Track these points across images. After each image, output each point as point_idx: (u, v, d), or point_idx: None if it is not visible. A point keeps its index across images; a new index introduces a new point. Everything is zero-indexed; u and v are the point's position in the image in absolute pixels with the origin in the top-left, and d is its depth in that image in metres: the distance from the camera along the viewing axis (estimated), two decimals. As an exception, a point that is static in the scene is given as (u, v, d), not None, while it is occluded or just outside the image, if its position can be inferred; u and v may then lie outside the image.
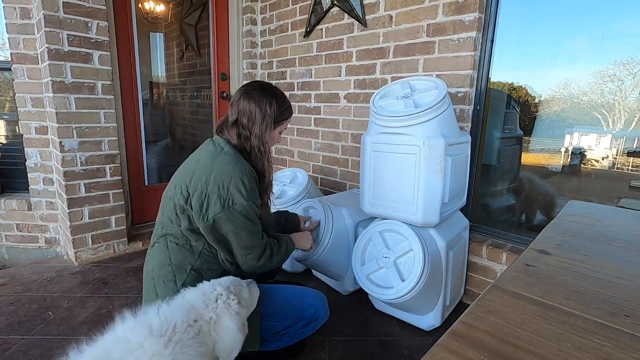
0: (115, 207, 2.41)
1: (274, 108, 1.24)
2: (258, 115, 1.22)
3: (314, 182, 2.56)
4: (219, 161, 1.14)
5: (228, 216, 1.11)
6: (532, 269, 0.65)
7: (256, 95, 1.24)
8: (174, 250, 1.19)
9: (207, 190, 1.10)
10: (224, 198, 1.10)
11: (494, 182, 2.13)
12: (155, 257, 1.22)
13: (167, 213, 1.20)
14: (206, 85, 3.13)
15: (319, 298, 1.37)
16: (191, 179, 1.13)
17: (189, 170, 1.17)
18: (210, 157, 1.16)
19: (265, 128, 1.23)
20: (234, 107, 1.26)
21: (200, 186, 1.11)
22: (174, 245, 1.19)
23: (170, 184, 1.25)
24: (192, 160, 1.24)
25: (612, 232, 0.85)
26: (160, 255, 1.20)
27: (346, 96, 2.47)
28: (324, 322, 1.37)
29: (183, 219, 1.16)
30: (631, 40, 1.59)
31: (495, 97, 1.98)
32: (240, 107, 1.24)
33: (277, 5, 2.84)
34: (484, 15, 1.81)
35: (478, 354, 0.42)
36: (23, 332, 1.65)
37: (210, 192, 1.10)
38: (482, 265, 1.92)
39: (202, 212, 1.11)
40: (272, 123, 1.25)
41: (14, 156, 2.53)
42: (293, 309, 1.29)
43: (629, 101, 1.68)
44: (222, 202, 1.10)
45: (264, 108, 1.23)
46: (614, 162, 1.80)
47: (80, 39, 2.12)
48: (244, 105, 1.23)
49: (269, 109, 1.23)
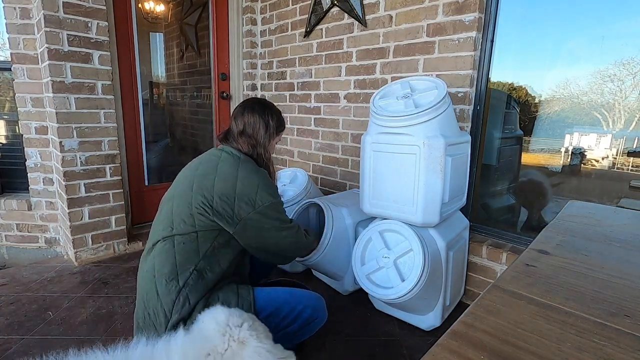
0: (115, 207, 2.41)
1: (274, 121, 1.40)
2: (262, 126, 1.37)
3: (314, 182, 2.56)
4: (242, 169, 1.25)
5: (261, 213, 1.23)
6: (532, 269, 0.65)
7: (259, 109, 1.38)
8: (180, 250, 1.20)
9: (236, 195, 1.20)
10: (253, 200, 1.22)
11: (494, 182, 2.13)
12: (157, 256, 1.22)
13: (180, 215, 1.23)
14: (206, 85, 3.14)
15: (316, 299, 1.36)
16: (213, 186, 1.21)
17: (208, 177, 1.24)
18: (231, 165, 1.26)
19: (268, 138, 1.39)
20: (239, 120, 1.38)
21: (228, 193, 1.20)
22: (181, 246, 1.21)
23: (182, 188, 1.27)
24: (208, 167, 1.28)
25: (612, 232, 0.85)
26: (163, 254, 1.20)
27: (346, 96, 2.47)
28: (322, 324, 1.37)
29: (199, 220, 1.21)
30: (631, 40, 1.59)
31: (495, 97, 1.98)
32: (245, 120, 1.37)
33: (277, 5, 2.85)
34: (484, 15, 1.81)
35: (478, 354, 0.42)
36: (23, 332, 1.65)
37: (239, 196, 1.20)
38: (482, 265, 1.92)
39: (234, 215, 1.21)
40: (273, 134, 1.41)
41: (14, 156, 2.53)
42: (290, 310, 1.28)
43: (629, 101, 1.68)
44: (252, 204, 1.22)
45: (266, 120, 1.38)
46: (614, 162, 1.80)
47: (80, 39, 2.12)
48: (249, 118, 1.37)
49: (271, 121, 1.39)
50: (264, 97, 3.12)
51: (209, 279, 1.20)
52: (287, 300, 1.31)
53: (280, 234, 1.31)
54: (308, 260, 1.78)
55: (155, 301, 1.16)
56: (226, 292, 1.22)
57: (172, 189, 1.34)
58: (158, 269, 1.20)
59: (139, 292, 1.25)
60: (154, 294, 1.18)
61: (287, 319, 1.28)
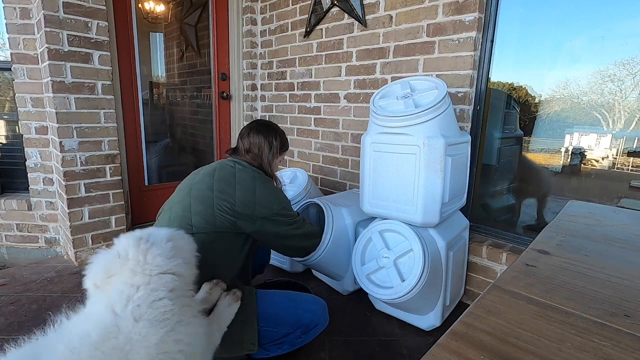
0: (115, 207, 2.41)
1: (277, 141, 1.53)
2: (266, 146, 1.49)
3: (314, 182, 2.56)
4: (258, 180, 1.38)
5: (277, 214, 1.37)
6: (532, 269, 0.65)
7: (263, 131, 1.51)
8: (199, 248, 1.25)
9: (256, 200, 1.33)
10: (270, 203, 1.36)
11: (494, 182, 2.13)
12: None
13: (200, 214, 1.29)
14: (206, 85, 3.14)
15: (317, 304, 1.37)
16: (234, 191, 1.33)
17: (229, 183, 1.34)
18: (250, 177, 1.38)
19: (272, 157, 1.51)
20: (245, 139, 1.51)
21: (248, 199, 1.33)
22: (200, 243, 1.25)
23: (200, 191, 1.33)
24: (226, 174, 1.37)
25: (612, 232, 0.85)
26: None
27: (346, 96, 2.47)
28: (323, 329, 1.37)
29: (219, 221, 1.29)
30: (631, 40, 1.59)
31: (495, 97, 1.98)
32: (251, 140, 1.50)
33: (277, 5, 2.85)
34: (484, 15, 1.81)
35: (478, 354, 0.42)
36: (23, 332, 1.65)
37: (258, 201, 1.33)
38: (482, 265, 1.92)
39: (253, 216, 1.32)
40: (276, 153, 1.53)
41: (14, 156, 2.53)
42: (290, 314, 1.29)
43: (629, 101, 1.68)
44: (268, 206, 1.35)
45: (270, 140, 1.50)
46: (614, 162, 1.80)
47: (80, 39, 2.12)
48: (254, 138, 1.49)
49: (274, 141, 1.52)
50: (264, 97, 3.13)
51: (222, 278, 1.23)
52: (288, 304, 1.32)
53: (291, 227, 1.44)
54: (308, 260, 1.77)
55: None
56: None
57: (181, 192, 1.38)
58: None
59: None
60: None
61: (288, 324, 1.28)
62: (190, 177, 1.44)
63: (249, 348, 1.20)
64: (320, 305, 1.37)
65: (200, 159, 3.31)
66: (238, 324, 1.20)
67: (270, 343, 1.27)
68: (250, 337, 1.20)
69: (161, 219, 1.36)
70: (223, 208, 1.29)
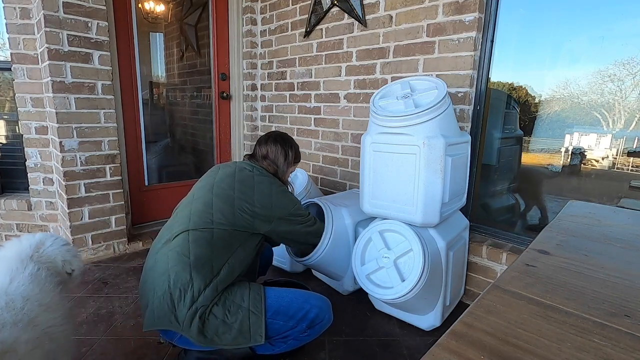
0: (115, 207, 2.41)
1: (292, 152, 1.63)
2: (281, 156, 1.59)
3: (314, 182, 2.56)
4: (274, 185, 1.48)
5: (290, 214, 1.48)
6: (532, 269, 0.65)
7: (280, 141, 1.62)
8: (218, 242, 1.31)
9: (272, 202, 1.43)
10: (286, 205, 1.46)
11: (494, 182, 2.13)
12: (193, 242, 1.27)
13: (221, 211, 1.36)
14: (206, 85, 3.14)
15: (322, 300, 1.39)
16: (254, 194, 1.42)
17: (248, 186, 1.44)
18: (267, 182, 1.47)
19: (286, 166, 1.61)
20: (263, 147, 1.60)
21: (266, 202, 1.42)
22: (219, 239, 1.32)
23: (222, 190, 1.41)
24: (246, 177, 1.46)
25: (612, 232, 0.85)
26: (202, 241, 1.28)
27: (346, 96, 2.47)
28: (328, 326, 1.39)
29: (238, 219, 1.36)
30: (631, 40, 1.59)
31: (495, 97, 1.98)
32: (268, 148, 1.60)
33: (277, 5, 2.85)
34: (484, 15, 1.81)
35: (478, 354, 0.42)
36: (23, 332, 1.65)
37: (275, 203, 1.43)
38: (482, 265, 1.92)
39: (270, 217, 1.42)
40: (291, 163, 1.63)
41: (14, 156, 2.53)
42: (297, 309, 1.31)
43: (629, 101, 1.68)
44: (284, 208, 1.45)
45: (286, 151, 1.61)
46: (614, 162, 1.80)
47: (80, 39, 2.12)
48: (271, 147, 1.60)
49: (290, 152, 1.62)
50: (264, 97, 3.13)
51: (235, 273, 1.30)
52: (295, 299, 1.34)
53: (304, 225, 1.55)
54: (308, 260, 1.78)
55: (185, 282, 1.20)
56: (241, 287, 1.29)
57: (202, 189, 1.44)
58: (195, 252, 1.25)
59: (159, 272, 1.26)
60: (187, 275, 1.21)
61: (294, 318, 1.30)
62: (210, 175, 1.51)
63: (257, 339, 1.21)
64: (326, 302, 1.40)
65: (200, 159, 3.31)
66: (247, 314, 1.22)
67: (276, 336, 1.29)
68: (259, 328, 1.22)
69: (180, 213, 1.40)
70: (243, 208, 1.38)
